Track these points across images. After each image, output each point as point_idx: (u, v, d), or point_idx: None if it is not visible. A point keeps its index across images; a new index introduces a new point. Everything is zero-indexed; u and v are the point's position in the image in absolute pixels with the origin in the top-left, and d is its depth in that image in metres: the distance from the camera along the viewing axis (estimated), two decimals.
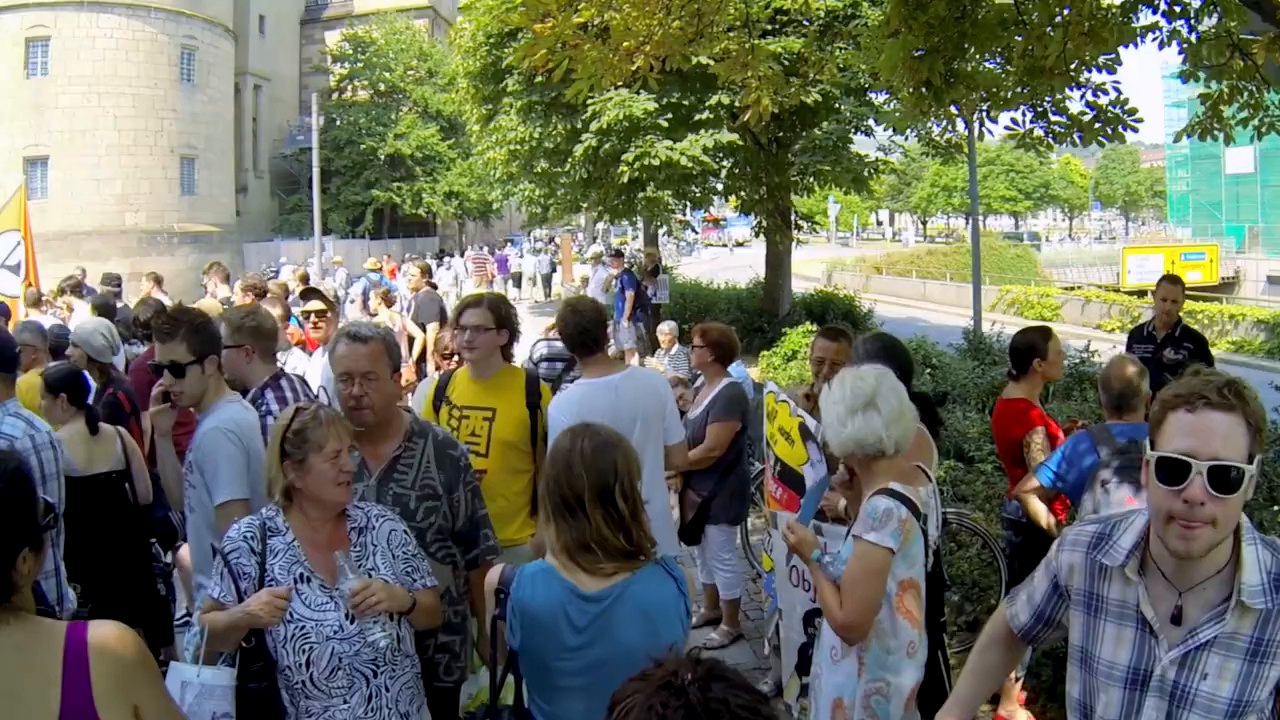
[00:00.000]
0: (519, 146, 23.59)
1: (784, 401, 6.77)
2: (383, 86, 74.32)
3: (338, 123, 71.35)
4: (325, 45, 77.06)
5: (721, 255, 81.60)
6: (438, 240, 79.33)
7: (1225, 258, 64.07)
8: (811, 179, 23.73)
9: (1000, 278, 61.89)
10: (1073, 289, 56.87)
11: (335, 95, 74.99)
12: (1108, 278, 65.32)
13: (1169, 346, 10.17)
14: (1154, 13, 9.69)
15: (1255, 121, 10.85)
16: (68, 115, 52.65)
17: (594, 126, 20.56)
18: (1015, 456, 7.17)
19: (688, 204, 26.79)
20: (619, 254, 24.49)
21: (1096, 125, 10.38)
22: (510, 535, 5.96)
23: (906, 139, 24.11)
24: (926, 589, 4.78)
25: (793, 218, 25.14)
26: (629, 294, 22.19)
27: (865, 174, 23.86)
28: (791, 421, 6.47)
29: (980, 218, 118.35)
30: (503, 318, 6.20)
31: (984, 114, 11.39)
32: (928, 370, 17.19)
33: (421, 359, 16.36)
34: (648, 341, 22.37)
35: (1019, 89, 10.57)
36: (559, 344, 9.69)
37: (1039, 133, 11.35)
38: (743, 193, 24.60)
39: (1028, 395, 7.23)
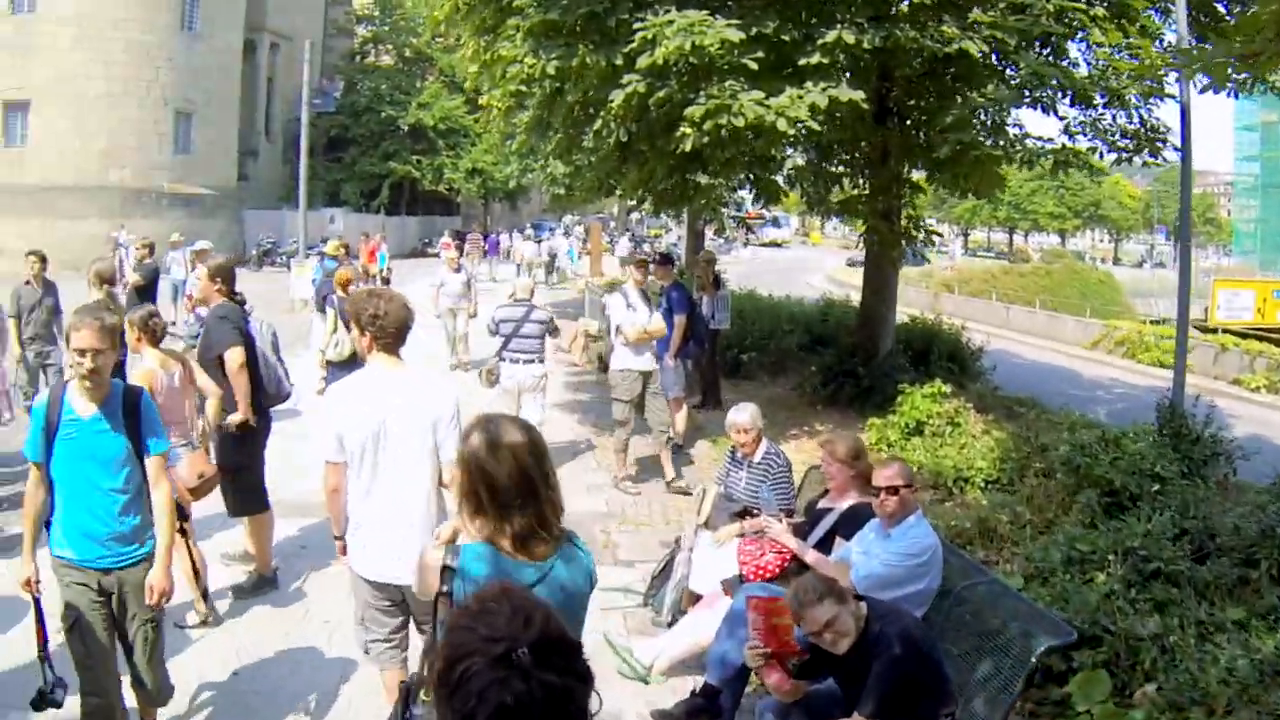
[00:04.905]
0: (525, 88, 15.32)
1: None
2: (408, 52, 73.02)
3: (359, 88, 69.13)
4: (351, 6, 75.14)
5: (761, 254, 76.46)
6: (460, 219, 77.64)
7: None
8: (946, 171, 15.56)
9: (1091, 309, 54.15)
10: (1158, 323, 49.91)
11: (358, 59, 73.78)
12: (1194, 311, 57.60)
13: None
14: None
15: None
16: (54, 58, 47.95)
17: (642, 62, 12.47)
18: None
19: (759, 194, 19.06)
20: (667, 259, 17.16)
21: None
22: None
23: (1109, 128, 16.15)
24: None
25: (905, 223, 17.77)
26: (679, 319, 14.99)
27: (1051, 162, 15.32)
28: None
29: (1022, 234, 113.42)
30: None
31: None
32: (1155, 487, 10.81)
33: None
34: (700, 387, 15.80)
35: None
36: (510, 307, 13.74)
37: None
38: (844, 182, 17.62)
39: None
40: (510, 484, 3.93)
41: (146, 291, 17.48)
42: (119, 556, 5.97)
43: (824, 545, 7.67)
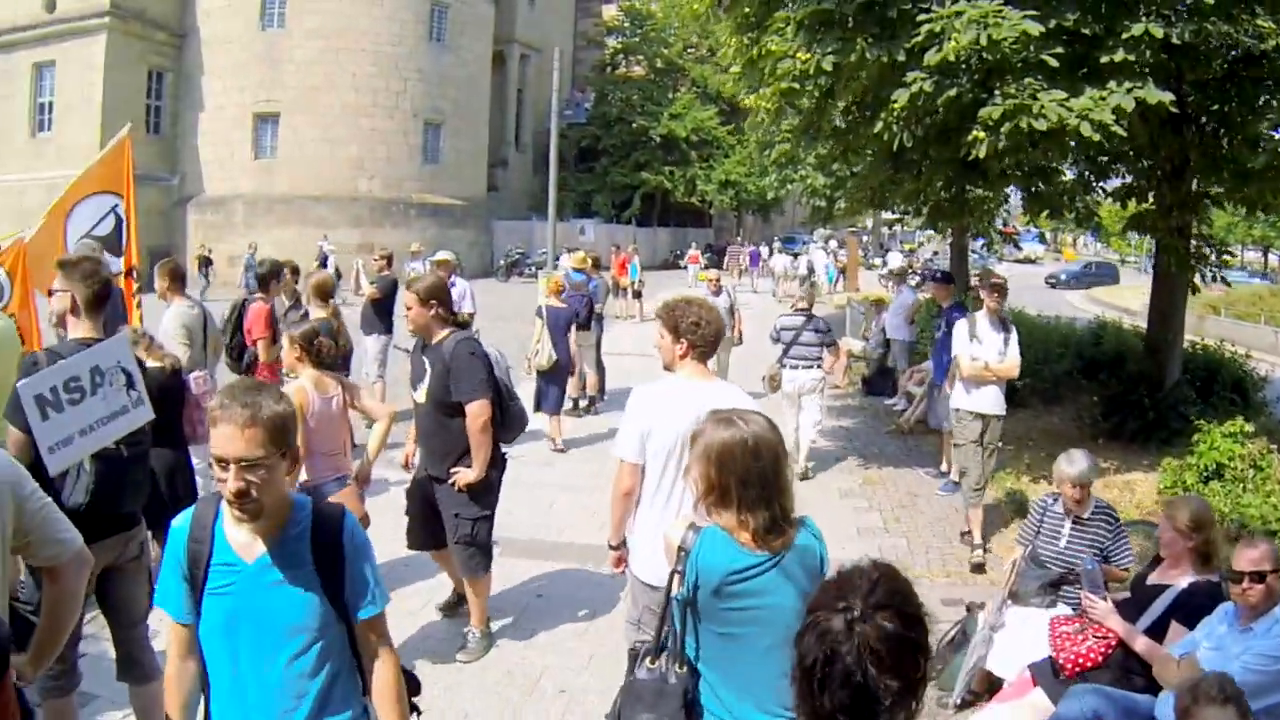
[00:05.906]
0: (796, 85, 13.35)
1: None
2: (659, 63, 73.38)
3: (609, 98, 69.67)
4: (601, 18, 76.12)
5: (1015, 270, 74.97)
6: (712, 232, 77.91)
7: None
8: (1255, 184, 13.47)
9: None
10: None
11: (608, 70, 74.76)
12: None
13: None
14: None
15: None
16: (302, 71, 49.62)
17: (930, 58, 11.18)
18: None
19: (1039, 208, 16.98)
20: (947, 278, 15.94)
21: None
22: None
23: None
24: None
25: (1199, 243, 16.06)
26: None
27: None
28: None
29: (1277, 254, 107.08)
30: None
31: None
32: None
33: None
34: None
35: None
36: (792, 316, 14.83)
37: None
38: (1135, 195, 16.17)
39: None
40: (757, 479, 3.95)
41: (384, 305, 16.45)
42: None
43: (1155, 631, 6.32)
